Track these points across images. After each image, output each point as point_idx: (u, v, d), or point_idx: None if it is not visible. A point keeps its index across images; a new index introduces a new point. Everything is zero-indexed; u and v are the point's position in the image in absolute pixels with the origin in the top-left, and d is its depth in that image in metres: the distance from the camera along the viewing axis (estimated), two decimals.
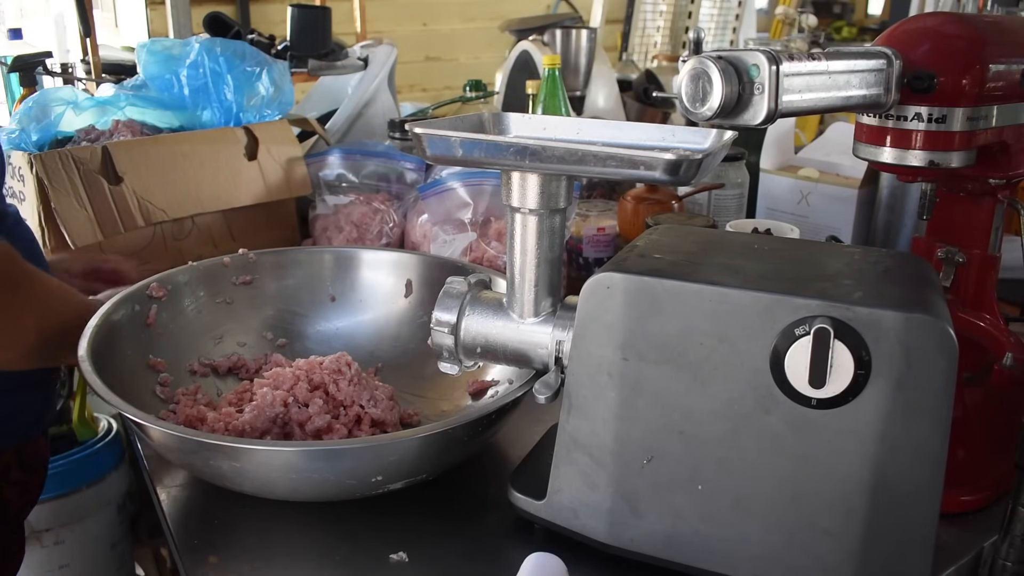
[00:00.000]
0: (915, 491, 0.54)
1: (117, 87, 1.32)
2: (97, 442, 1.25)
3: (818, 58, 0.58)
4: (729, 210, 1.23)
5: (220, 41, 1.26)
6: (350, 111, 1.58)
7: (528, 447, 0.75)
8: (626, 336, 0.59)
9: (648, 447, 0.60)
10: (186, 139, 1.16)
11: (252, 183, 1.19)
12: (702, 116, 0.56)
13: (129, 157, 1.09)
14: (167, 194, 1.11)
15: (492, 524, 0.70)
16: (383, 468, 0.65)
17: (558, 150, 0.57)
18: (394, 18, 3.16)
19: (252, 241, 1.15)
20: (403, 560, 0.65)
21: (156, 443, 0.68)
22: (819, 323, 0.53)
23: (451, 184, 1.14)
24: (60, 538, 1.21)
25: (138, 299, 0.84)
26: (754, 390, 0.56)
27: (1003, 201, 0.72)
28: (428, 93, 3.17)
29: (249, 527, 0.70)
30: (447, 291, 0.68)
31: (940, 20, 0.66)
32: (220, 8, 1.94)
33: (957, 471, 0.61)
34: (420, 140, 0.61)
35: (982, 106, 0.64)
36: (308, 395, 0.77)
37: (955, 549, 0.68)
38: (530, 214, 0.63)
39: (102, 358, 0.73)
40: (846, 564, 0.56)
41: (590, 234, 1.16)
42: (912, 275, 0.61)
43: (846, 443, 0.55)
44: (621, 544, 0.63)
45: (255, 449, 0.63)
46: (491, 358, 0.69)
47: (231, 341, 0.91)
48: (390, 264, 0.97)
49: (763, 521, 0.58)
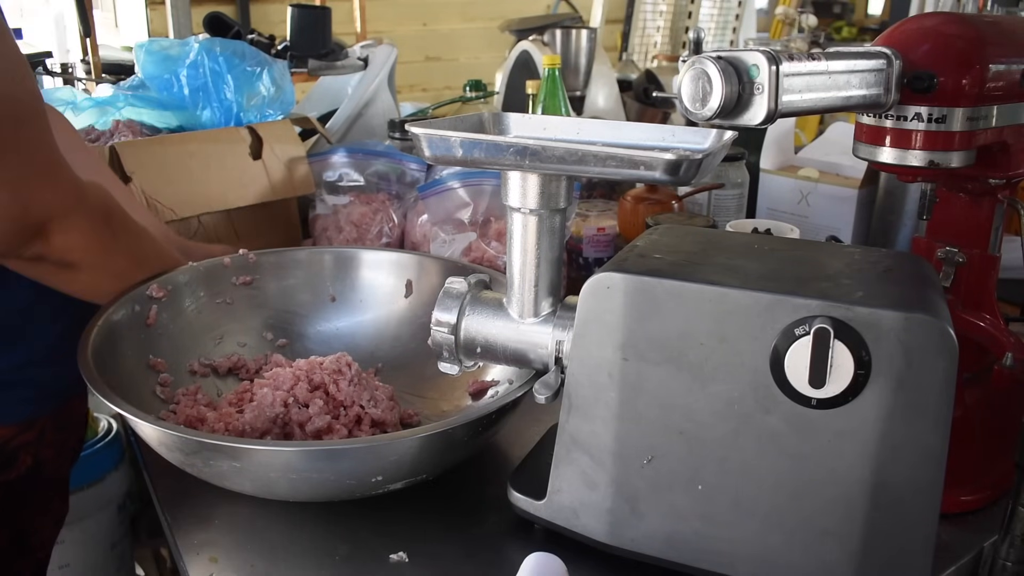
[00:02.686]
0: (915, 491, 0.54)
1: (116, 87, 1.32)
2: (97, 442, 1.25)
3: (818, 58, 0.58)
4: (729, 210, 1.23)
5: (219, 41, 1.26)
6: (350, 111, 1.58)
7: (528, 447, 0.75)
8: (626, 336, 0.59)
9: (648, 447, 0.60)
10: (192, 139, 1.17)
11: (257, 182, 1.19)
12: (702, 116, 0.56)
13: (136, 157, 1.09)
14: (175, 193, 1.11)
15: (492, 524, 0.70)
16: (383, 468, 0.65)
17: (558, 150, 0.57)
18: (394, 18, 3.17)
19: (255, 241, 1.15)
20: (403, 560, 0.65)
21: (156, 443, 0.68)
22: (819, 323, 0.53)
23: (451, 184, 1.14)
24: (60, 538, 1.20)
25: (138, 299, 0.83)
26: (754, 390, 0.56)
27: (1003, 201, 0.72)
28: (428, 93, 3.18)
29: (249, 527, 0.70)
30: (447, 291, 0.68)
31: (940, 20, 0.66)
32: (220, 8, 1.94)
33: (957, 471, 0.61)
34: (420, 140, 0.61)
35: (982, 106, 0.64)
36: (308, 395, 0.77)
37: (955, 549, 0.68)
38: (530, 214, 0.63)
39: (102, 358, 0.73)
40: (846, 564, 0.56)
41: (590, 234, 1.16)
42: (912, 275, 0.61)
43: (846, 443, 0.55)
44: (621, 544, 0.63)
45: (255, 449, 0.63)
46: (491, 358, 0.69)
47: (231, 341, 0.91)
48: (390, 264, 0.97)
49: (763, 521, 0.58)
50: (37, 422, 0.84)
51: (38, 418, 0.84)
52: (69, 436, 0.90)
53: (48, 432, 0.85)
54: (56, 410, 0.86)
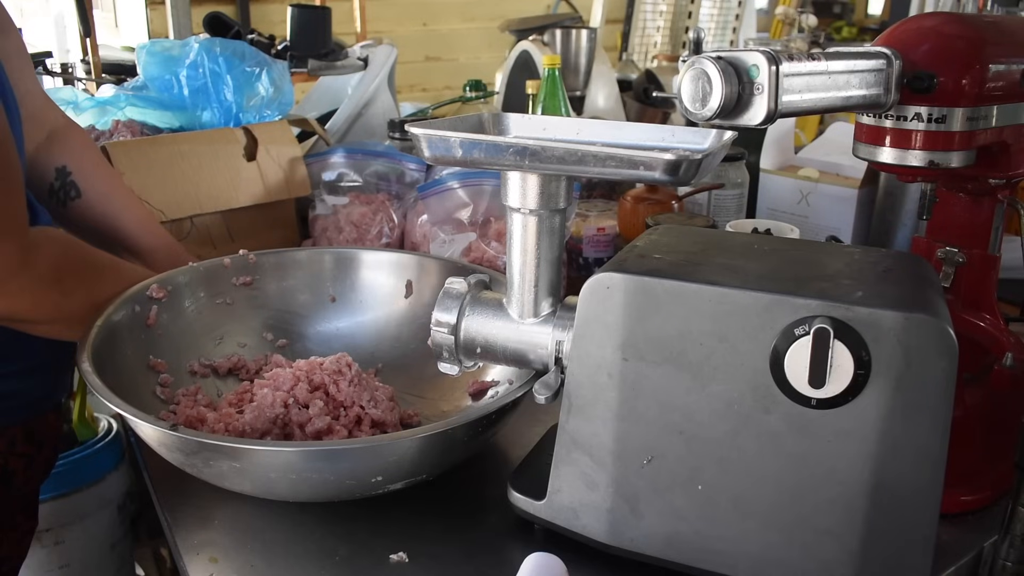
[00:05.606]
0: (915, 491, 0.54)
1: (117, 88, 1.32)
2: (97, 442, 1.25)
3: (818, 58, 0.58)
4: (729, 210, 1.23)
5: (219, 41, 1.26)
6: (350, 111, 1.58)
7: (528, 447, 0.75)
8: (626, 336, 0.59)
9: (648, 447, 0.60)
10: (185, 139, 1.16)
11: (251, 184, 1.19)
12: (702, 116, 0.56)
13: (128, 157, 1.09)
14: (166, 194, 1.11)
15: (492, 524, 0.70)
16: (383, 468, 0.65)
17: (558, 150, 0.57)
18: (394, 18, 3.17)
19: (251, 242, 1.15)
20: (403, 560, 0.65)
21: (156, 444, 0.68)
22: (819, 323, 0.53)
23: (451, 184, 1.14)
24: (60, 538, 1.21)
25: (138, 300, 0.83)
26: (754, 390, 0.56)
27: (1003, 201, 0.72)
28: (428, 93, 3.18)
29: (249, 527, 0.70)
30: (447, 291, 0.68)
31: (940, 20, 0.66)
32: (220, 8, 1.95)
33: (957, 471, 0.61)
34: (419, 141, 0.61)
35: (982, 106, 0.64)
36: (308, 396, 0.77)
37: (955, 549, 0.68)
38: (530, 214, 0.63)
39: (102, 359, 0.73)
40: (846, 564, 0.56)
41: (590, 234, 1.16)
42: (912, 275, 0.61)
43: (846, 443, 0.55)
44: (621, 544, 0.63)
45: (255, 449, 0.63)
46: (491, 358, 0.69)
47: (231, 342, 0.91)
48: (390, 264, 0.97)
49: (763, 521, 0.58)
50: (8, 431, 0.84)
51: (8, 427, 0.84)
52: (41, 450, 0.89)
53: (19, 443, 0.85)
54: (28, 421, 0.86)
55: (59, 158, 0.94)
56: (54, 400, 0.93)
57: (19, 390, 0.84)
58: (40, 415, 0.88)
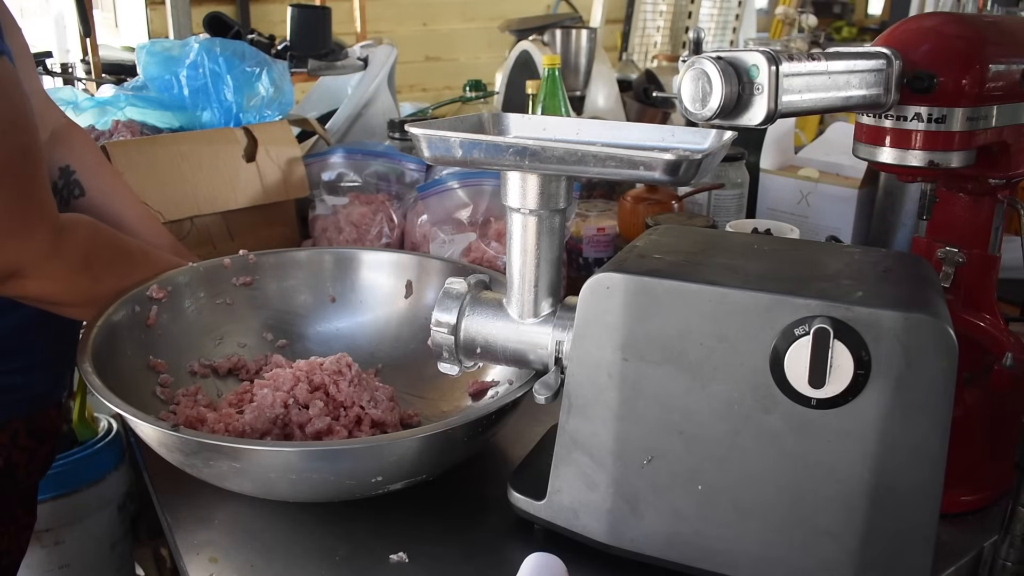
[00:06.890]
0: (915, 491, 0.54)
1: (117, 88, 1.32)
2: (97, 442, 1.25)
3: (818, 58, 0.58)
4: (729, 210, 1.23)
5: (220, 41, 1.26)
6: (350, 111, 1.58)
7: (528, 447, 0.75)
8: (626, 336, 0.59)
9: (648, 447, 0.60)
10: (184, 139, 1.16)
11: (250, 185, 1.19)
12: (702, 116, 0.56)
13: (128, 157, 1.09)
14: (164, 195, 1.11)
15: (492, 524, 0.70)
16: (383, 468, 0.65)
17: (558, 150, 0.57)
18: (394, 18, 3.17)
19: (251, 242, 1.15)
20: (403, 560, 0.65)
21: (156, 444, 0.68)
22: (819, 323, 0.53)
23: (450, 184, 1.14)
24: (60, 538, 1.21)
25: (138, 300, 0.84)
26: (754, 390, 0.56)
27: (1003, 201, 0.72)
28: (428, 93, 3.18)
29: (249, 527, 0.70)
30: (447, 292, 0.68)
31: (940, 20, 0.66)
32: (220, 8, 1.95)
33: (957, 471, 0.61)
34: (419, 141, 0.61)
35: (982, 106, 0.64)
36: (308, 396, 0.77)
37: (955, 549, 0.68)
38: (530, 214, 0.63)
39: (102, 359, 0.73)
40: (846, 564, 0.56)
41: (590, 234, 1.16)
42: (912, 275, 0.61)
43: (846, 443, 0.55)
44: (621, 544, 0.63)
45: (255, 450, 0.63)
46: (491, 358, 0.69)
47: (231, 342, 0.91)
48: (390, 265, 0.97)
49: (763, 521, 0.58)
50: (10, 424, 0.85)
51: (11, 420, 0.85)
52: (42, 445, 0.90)
53: (21, 437, 0.86)
54: (31, 416, 0.87)
55: (62, 157, 0.94)
56: (56, 396, 0.93)
57: (22, 385, 0.85)
58: (42, 410, 0.89)
